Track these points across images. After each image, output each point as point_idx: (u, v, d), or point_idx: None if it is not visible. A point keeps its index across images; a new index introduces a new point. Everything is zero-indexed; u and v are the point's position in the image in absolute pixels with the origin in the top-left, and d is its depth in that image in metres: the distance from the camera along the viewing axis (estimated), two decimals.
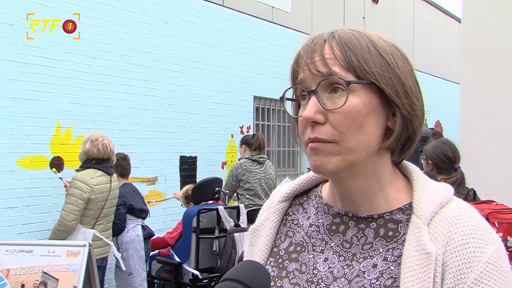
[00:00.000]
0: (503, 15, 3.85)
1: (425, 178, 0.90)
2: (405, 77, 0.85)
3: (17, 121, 4.63)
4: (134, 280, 4.46)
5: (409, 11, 12.26)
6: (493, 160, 3.78)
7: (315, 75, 0.84)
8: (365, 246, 0.87)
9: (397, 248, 0.84)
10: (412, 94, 0.86)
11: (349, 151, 0.83)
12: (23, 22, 4.63)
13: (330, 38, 0.85)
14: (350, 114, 0.82)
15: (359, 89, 0.83)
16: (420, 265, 0.79)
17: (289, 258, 0.95)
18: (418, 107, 0.86)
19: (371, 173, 0.88)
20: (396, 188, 0.90)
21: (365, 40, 0.85)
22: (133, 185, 4.82)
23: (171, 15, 6.22)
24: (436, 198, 0.85)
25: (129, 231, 4.51)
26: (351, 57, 0.82)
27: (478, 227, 0.81)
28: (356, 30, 0.87)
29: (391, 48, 0.86)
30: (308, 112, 0.83)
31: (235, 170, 5.54)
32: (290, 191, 1.02)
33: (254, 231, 1.02)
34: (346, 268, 0.87)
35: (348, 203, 0.91)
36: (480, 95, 3.88)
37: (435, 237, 0.81)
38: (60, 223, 3.93)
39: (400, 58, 0.86)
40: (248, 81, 7.34)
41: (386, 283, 0.82)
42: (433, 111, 12.11)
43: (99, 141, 4.10)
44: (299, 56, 0.88)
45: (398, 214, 0.87)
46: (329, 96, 0.84)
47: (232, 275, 0.76)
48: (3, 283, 1.78)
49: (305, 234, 0.95)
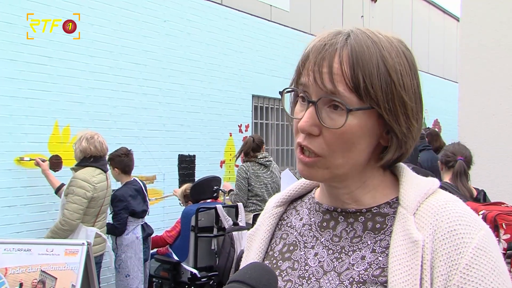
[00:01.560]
0: (502, 14, 3.85)
1: (412, 173, 0.92)
2: (409, 98, 0.84)
3: (16, 119, 4.62)
4: (131, 282, 4.45)
5: (408, 10, 12.27)
6: (492, 159, 3.78)
7: (319, 87, 0.83)
8: (354, 239, 0.88)
9: (385, 239, 0.86)
10: (412, 117, 0.85)
11: (336, 167, 0.85)
12: (22, 21, 4.62)
13: (342, 46, 0.82)
14: (345, 135, 0.83)
15: (359, 112, 0.83)
16: (407, 253, 0.79)
17: (282, 258, 0.96)
18: (415, 129, 0.87)
19: (359, 181, 0.90)
20: (384, 184, 0.92)
21: (377, 56, 0.82)
22: (135, 182, 4.69)
23: (169, 14, 6.22)
24: (421, 189, 0.86)
25: (129, 233, 4.48)
26: (359, 76, 0.80)
27: (464, 214, 0.82)
28: (370, 38, 0.84)
29: (401, 62, 0.84)
30: (303, 124, 0.84)
31: (243, 173, 5.39)
32: (285, 196, 1.03)
33: (250, 237, 1.04)
34: (336, 261, 0.88)
35: (337, 201, 0.93)
36: (479, 94, 3.89)
37: (421, 225, 0.81)
38: (63, 222, 3.91)
39: (408, 74, 0.85)
40: (247, 79, 7.34)
41: (374, 273, 0.83)
42: (431, 110, 12.12)
43: (95, 139, 4.12)
44: (307, 58, 0.85)
45: (385, 208, 0.89)
46: (328, 111, 0.83)
47: (239, 276, 0.76)
48: (1, 282, 1.78)
49: (298, 234, 0.97)
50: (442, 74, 13.40)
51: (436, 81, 12.94)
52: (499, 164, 3.75)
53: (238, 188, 5.36)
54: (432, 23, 13.21)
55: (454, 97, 4.65)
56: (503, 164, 3.74)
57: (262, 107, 7.84)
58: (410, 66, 0.86)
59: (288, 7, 8.22)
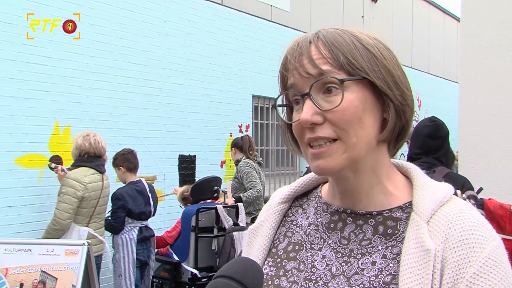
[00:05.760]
0: (502, 14, 3.85)
1: (426, 177, 0.90)
2: (393, 68, 0.86)
3: (16, 120, 4.62)
4: (123, 282, 4.46)
5: (408, 10, 12.26)
6: (491, 159, 3.78)
7: (306, 78, 0.84)
8: (362, 242, 0.87)
9: (396, 245, 0.84)
10: (402, 84, 0.86)
11: (352, 147, 0.84)
12: (22, 21, 4.62)
13: (315, 39, 0.85)
14: (349, 110, 0.82)
15: (352, 85, 0.83)
16: (419, 262, 0.79)
17: (287, 257, 0.94)
18: (409, 97, 0.87)
19: (370, 168, 0.88)
20: (393, 183, 0.91)
21: (349, 37, 0.85)
22: (139, 183, 4.68)
23: (170, 14, 6.22)
24: (436, 196, 0.85)
25: (124, 233, 4.49)
26: (339, 55, 0.83)
27: (478, 224, 0.81)
28: (338, 28, 0.87)
29: (375, 41, 0.87)
30: (305, 115, 0.83)
31: (251, 166, 5.40)
32: (290, 192, 1.02)
33: (253, 232, 1.02)
34: (345, 265, 0.87)
35: (347, 200, 0.91)
36: (479, 94, 3.88)
37: (434, 234, 0.80)
38: (54, 222, 3.93)
39: (385, 49, 0.87)
40: (247, 80, 7.34)
41: (385, 280, 0.82)
42: (431, 109, 12.11)
43: (91, 136, 4.15)
44: (286, 60, 0.88)
45: (397, 212, 0.87)
46: (323, 97, 0.84)
47: (224, 271, 0.75)
48: (1, 282, 1.78)
49: (304, 233, 0.95)
50: (442, 74, 13.40)
51: (436, 81, 12.94)
52: (499, 164, 3.75)
53: (253, 177, 5.34)
54: (432, 23, 13.21)
55: (455, 97, 4.65)
56: (503, 164, 3.74)
57: (263, 107, 7.84)
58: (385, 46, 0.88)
59: (288, 7, 8.22)
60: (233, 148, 5.64)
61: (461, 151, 3.98)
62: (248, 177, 5.31)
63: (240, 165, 5.44)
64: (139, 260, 4.55)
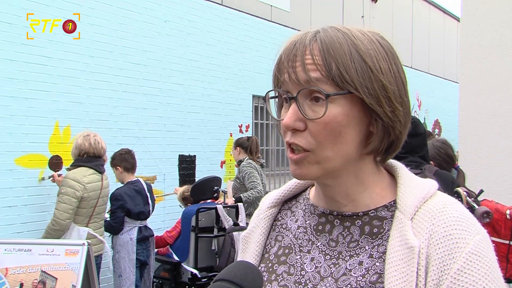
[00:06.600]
0: (502, 14, 3.85)
1: (410, 174, 0.90)
2: (389, 82, 0.83)
3: (16, 120, 4.62)
4: (123, 283, 4.46)
5: (408, 10, 12.27)
6: (492, 159, 3.78)
7: (295, 82, 0.83)
8: (351, 244, 0.87)
9: (382, 244, 0.84)
10: (395, 100, 0.83)
11: (326, 160, 0.84)
12: (22, 21, 4.62)
13: (312, 41, 0.83)
14: (330, 125, 0.82)
15: (340, 99, 0.82)
16: (403, 259, 0.79)
17: (278, 262, 0.95)
18: (401, 112, 0.84)
19: (353, 176, 0.88)
20: (380, 186, 0.90)
21: (348, 45, 0.82)
22: (138, 183, 4.68)
23: (170, 14, 6.22)
24: (419, 193, 0.84)
25: (124, 233, 4.49)
26: (332, 64, 0.80)
27: (461, 218, 0.80)
28: (341, 30, 0.84)
29: (375, 48, 0.84)
30: (287, 120, 0.83)
31: (253, 167, 5.41)
32: (278, 196, 1.02)
33: (245, 238, 1.03)
34: (333, 267, 0.87)
35: (332, 203, 0.91)
36: (479, 94, 3.89)
37: (418, 231, 0.80)
38: (54, 222, 3.94)
39: (384, 59, 0.84)
40: (247, 80, 7.34)
41: (372, 279, 0.82)
42: (432, 110, 12.12)
43: (91, 136, 4.15)
44: (280, 60, 0.87)
45: (383, 211, 0.87)
46: (310, 104, 0.83)
47: (224, 275, 0.76)
48: (1, 282, 1.78)
49: (293, 237, 0.95)
50: (442, 74, 13.40)
51: (436, 81, 12.94)
52: (499, 164, 3.75)
53: (255, 178, 5.34)
54: (432, 23, 13.21)
55: (455, 97, 4.65)
56: (503, 164, 3.74)
57: (263, 107, 7.83)
58: (386, 52, 0.85)
59: (288, 7, 8.22)
60: (238, 147, 5.61)
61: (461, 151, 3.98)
62: (249, 177, 5.32)
63: (242, 165, 5.44)
64: (139, 260, 4.55)
